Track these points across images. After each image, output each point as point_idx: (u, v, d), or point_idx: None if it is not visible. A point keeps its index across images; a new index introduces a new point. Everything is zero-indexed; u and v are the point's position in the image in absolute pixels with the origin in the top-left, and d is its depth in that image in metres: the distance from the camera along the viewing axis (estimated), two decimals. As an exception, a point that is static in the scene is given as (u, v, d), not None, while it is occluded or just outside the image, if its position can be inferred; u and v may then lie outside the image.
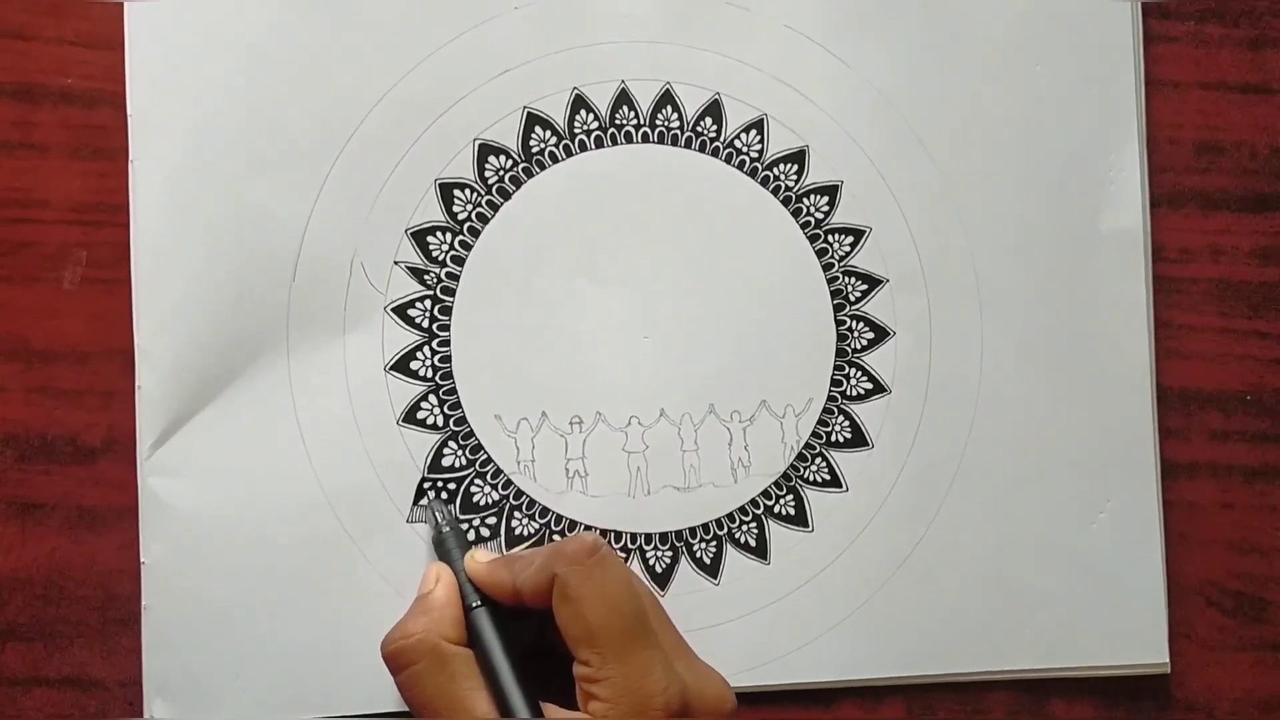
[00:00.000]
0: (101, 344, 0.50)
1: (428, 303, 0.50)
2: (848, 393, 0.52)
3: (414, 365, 0.50)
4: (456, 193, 0.51)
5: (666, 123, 0.51)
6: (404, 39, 0.50)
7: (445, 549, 0.48)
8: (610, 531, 0.51)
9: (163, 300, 0.49)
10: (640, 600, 0.44)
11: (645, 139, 0.51)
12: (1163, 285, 0.53)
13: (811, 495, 0.51)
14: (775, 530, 0.51)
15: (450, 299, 0.51)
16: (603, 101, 0.51)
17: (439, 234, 0.51)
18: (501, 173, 0.51)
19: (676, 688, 0.42)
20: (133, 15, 0.49)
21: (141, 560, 0.49)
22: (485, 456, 0.50)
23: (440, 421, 0.50)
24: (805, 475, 0.51)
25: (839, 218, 0.52)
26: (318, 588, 0.49)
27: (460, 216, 0.51)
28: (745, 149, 0.52)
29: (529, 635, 0.46)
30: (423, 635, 0.45)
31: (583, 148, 0.51)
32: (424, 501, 0.50)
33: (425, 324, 0.50)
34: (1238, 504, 0.53)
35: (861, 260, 0.52)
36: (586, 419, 0.51)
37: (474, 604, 0.46)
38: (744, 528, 0.51)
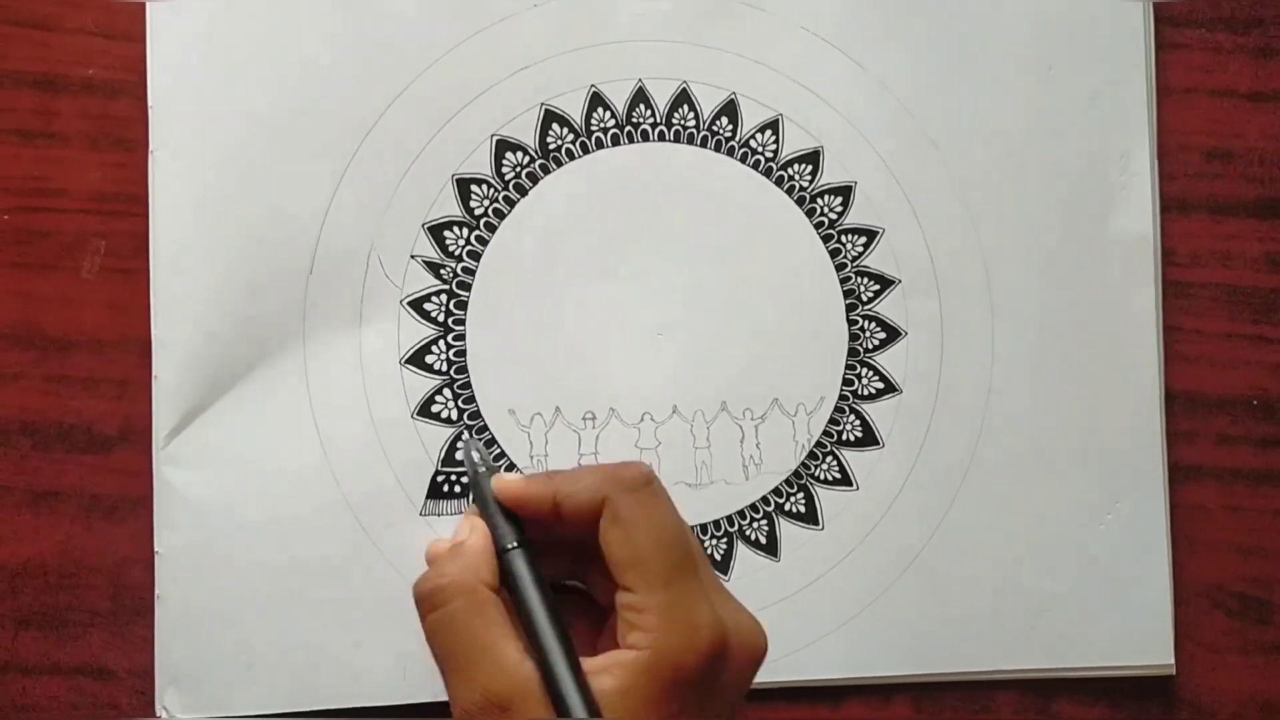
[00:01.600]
0: (119, 334, 0.50)
1: (443, 297, 0.51)
2: (859, 392, 0.52)
3: (429, 359, 0.51)
4: (474, 188, 0.51)
5: (683, 121, 0.52)
6: (423, 35, 0.51)
7: (481, 491, 0.45)
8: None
9: (180, 291, 0.49)
10: (689, 537, 0.42)
11: (661, 137, 0.52)
12: (1172, 290, 0.53)
13: (822, 493, 0.52)
14: (785, 528, 0.52)
15: (466, 294, 0.51)
16: (620, 99, 0.51)
17: (456, 229, 0.51)
18: (519, 169, 0.51)
19: (718, 626, 0.41)
20: (154, 7, 0.50)
21: (155, 550, 0.49)
22: (499, 450, 0.51)
23: (455, 415, 0.51)
24: (816, 473, 0.52)
25: (852, 218, 0.52)
26: (331, 579, 0.49)
27: (477, 212, 0.51)
28: (760, 149, 0.52)
29: (561, 572, 0.44)
30: (458, 575, 0.42)
31: (599, 145, 0.51)
32: (461, 441, 0.49)
33: (441, 318, 0.51)
34: (1244, 507, 0.53)
35: (874, 261, 0.52)
36: (600, 415, 0.51)
37: (509, 545, 0.43)
38: (754, 525, 0.51)
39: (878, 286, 0.52)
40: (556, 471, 0.45)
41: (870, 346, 0.52)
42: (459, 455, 0.50)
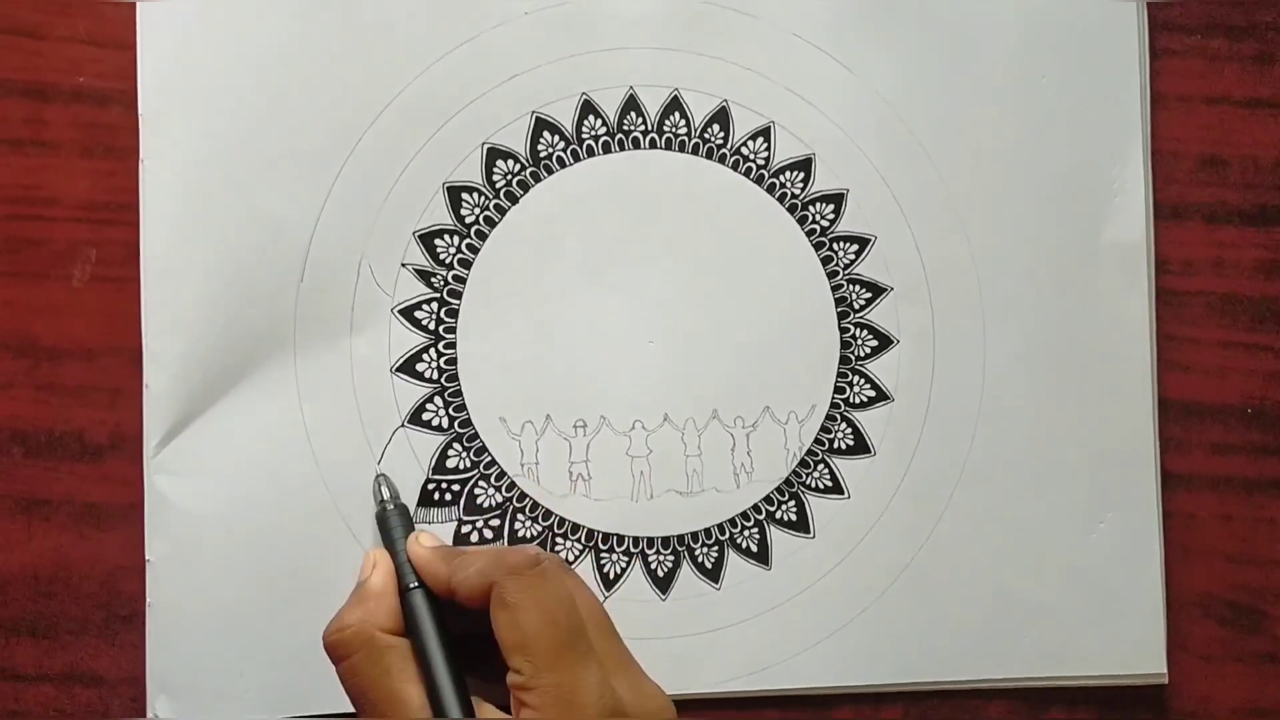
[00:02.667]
0: (109, 342, 0.50)
1: (434, 305, 0.51)
2: (850, 400, 0.52)
3: (420, 367, 0.51)
4: (464, 196, 0.51)
5: (674, 129, 0.52)
6: (414, 42, 0.50)
7: (387, 527, 0.48)
8: (613, 535, 0.51)
9: (171, 299, 0.49)
10: (578, 614, 0.43)
11: (653, 145, 0.52)
12: (1165, 298, 0.53)
13: (813, 501, 0.52)
14: (777, 536, 0.51)
15: (457, 302, 0.51)
16: (611, 107, 0.51)
17: (446, 237, 0.51)
18: (509, 177, 0.51)
19: (610, 702, 0.42)
20: (145, 15, 0.50)
21: (146, 558, 0.49)
22: (489, 459, 0.51)
23: (445, 423, 0.51)
24: (807, 481, 0.52)
25: (844, 226, 0.52)
26: (322, 587, 0.49)
27: (468, 220, 0.51)
28: (752, 156, 0.52)
29: (468, 623, 0.45)
30: (358, 627, 0.45)
31: (590, 153, 0.51)
32: (376, 479, 0.50)
33: (432, 326, 0.51)
34: (1237, 516, 0.53)
35: (866, 268, 0.52)
36: (590, 423, 0.51)
37: (411, 584, 0.46)
38: (746, 533, 0.51)
39: (869, 294, 0.52)
40: (457, 550, 0.47)
41: (862, 354, 0.52)
42: (371, 491, 0.50)
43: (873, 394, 0.52)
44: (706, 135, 0.52)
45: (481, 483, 0.51)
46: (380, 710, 0.44)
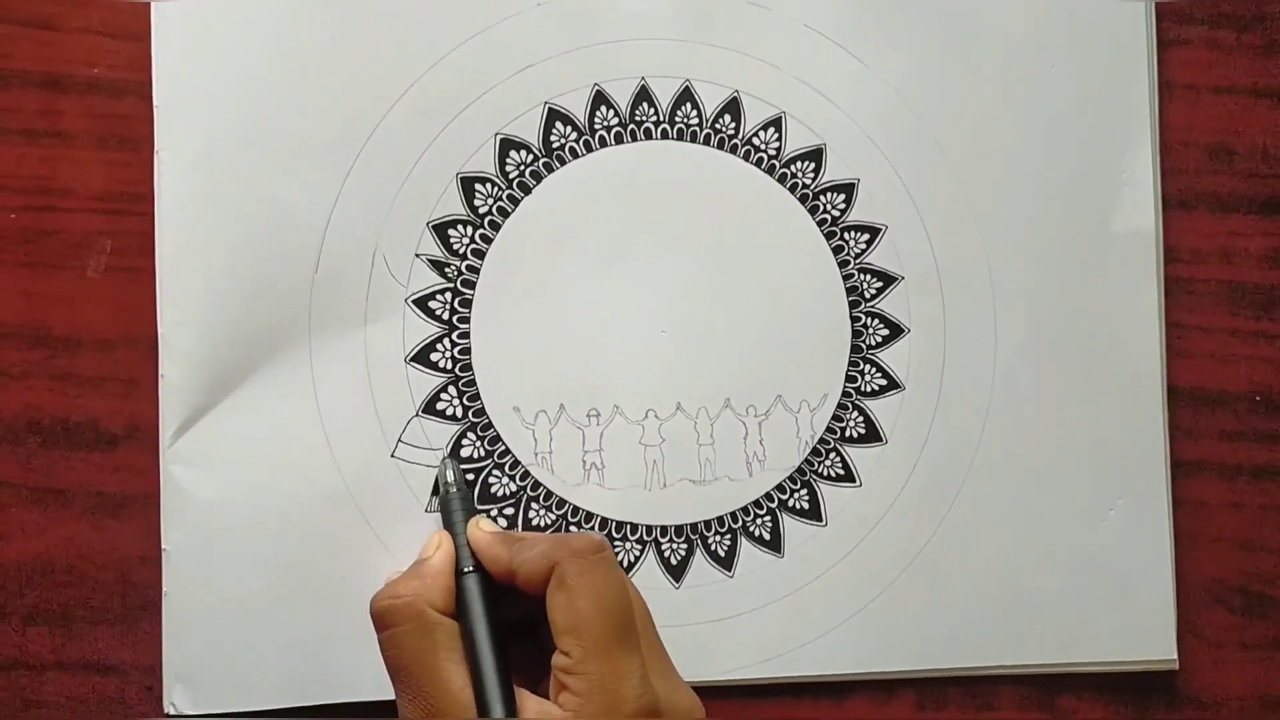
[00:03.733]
0: (125, 332, 0.50)
1: (448, 295, 0.51)
2: (862, 389, 0.52)
3: (434, 357, 0.51)
4: (478, 187, 0.51)
5: (686, 119, 0.52)
6: (427, 34, 0.51)
7: (449, 510, 0.48)
8: (626, 524, 0.51)
9: (186, 290, 0.50)
10: (631, 608, 0.44)
11: (665, 135, 0.52)
12: (1174, 286, 0.53)
13: (825, 490, 0.52)
14: (789, 524, 0.52)
15: (470, 292, 0.51)
16: (623, 98, 0.52)
17: (460, 227, 0.51)
18: (522, 167, 0.51)
19: (650, 697, 0.42)
20: (159, 7, 0.50)
21: (162, 547, 0.50)
22: (503, 448, 0.51)
23: (459, 413, 0.51)
24: (819, 470, 0.52)
25: (855, 215, 0.52)
26: (337, 577, 0.50)
27: (481, 210, 0.51)
28: (763, 146, 0.52)
29: (519, 611, 0.46)
30: (411, 599, 0.45)
31: (603, 143, 0.52)
32: (439, 462, 0.50)
33: (445, 316, 0.51)
34: (1246, 503, 0.53)
35: (877, 258, 0.52)
36: (604, 412, 0.51)
37: (466, 568, 0.46)
38: (758, 521, 0.52)
39: (880, 283, 0.52)
40: (517, 535, 0.47)
41: (873, 343, 0.52)
42: (436, 476, 0.50)
43: (884, 383, 0.52)
44: (718, 126, 0.52)
45: (495, 472, 0.51)
46: (420, 685, 0.43)
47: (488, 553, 0.46)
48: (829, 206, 0.52)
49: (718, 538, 0.51)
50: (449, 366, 0.51)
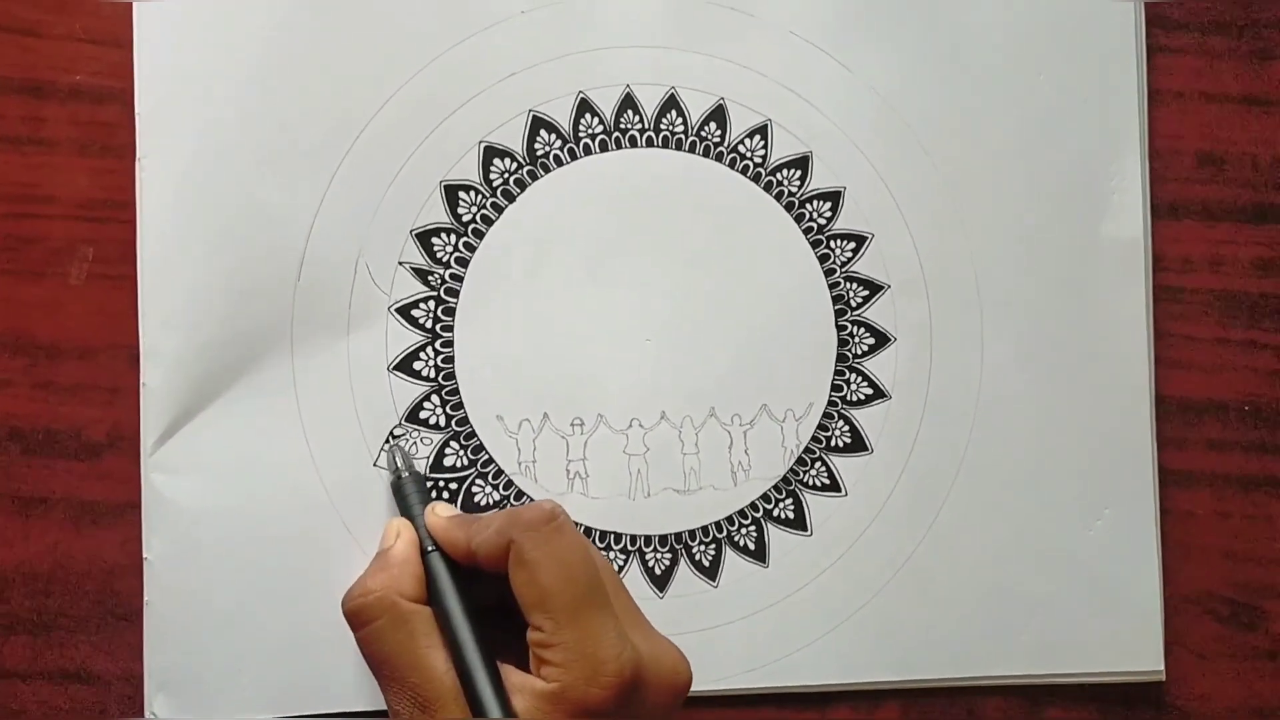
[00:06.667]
0: (106, 340, 0.50)
1: (431, 303, 0.51)
2: (848, 398, 0.52)
3: (417, 365, 0.51)
4: (461, 194, 0.51)
5: (671, 127, 0.52)
6: (411, 41, 0.50)
7: (403, 495, 0.48)
8: (610, 533, 0.51)
9: (168, 297, 0.49)
10: (596, 569, 0.43)
11: (650, 143, 0.52)
12: (1163, 295, 0.53)
13: (811, 499, 0.52)
14: (774, 534, 0.52)
15: (454, 300, 0.51)
16: (608, 105, 0.51)
17: (443, 235, 0.51)
18: (506, 175, 0.51)
19: (630, 655, 0.42)
20: (142, 13, 0.50)
21: (144, 556, 0.49)
22: (487, 457, 0.51)
23: (443, 421, 0.51)
24: (805, 479, 0.52)
25: (841, 223, 0.52)
26: (320, 585, 0.49)
27: (465, 218, 0.51)
28: (749, 154, 0.52)
29: (492, 593, 0.45)
30: (381, 593, 0.44)
31: (587, 151, 0.51)
32: (387, 445, 0.50)
33: (429, 324, 0.51)
34: (1234, 513, 0.53)
35: (863, 266, 0.52)
36: (588, 421, 0.51)
37: (429, 548, 0.46)
38: (743, 531, 0.51)
39: (867, 292, 0.52)
40: (473, 516, 0.47)
41: (859, 352, 0.52)
42: (382, 462, 0.50)
43: (870, 391, 0.52)
44: (704, 133, 0.52)
45: (479, 481, 0.51)
46: (405, 676, 0.43)
47: (446, 537, 0.46)
48: (815, 214, 0.52)
49: (702, 547, 0.51)
50: (432, 375, 0.51)
